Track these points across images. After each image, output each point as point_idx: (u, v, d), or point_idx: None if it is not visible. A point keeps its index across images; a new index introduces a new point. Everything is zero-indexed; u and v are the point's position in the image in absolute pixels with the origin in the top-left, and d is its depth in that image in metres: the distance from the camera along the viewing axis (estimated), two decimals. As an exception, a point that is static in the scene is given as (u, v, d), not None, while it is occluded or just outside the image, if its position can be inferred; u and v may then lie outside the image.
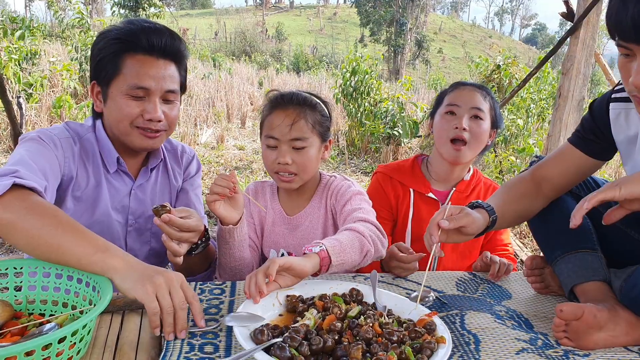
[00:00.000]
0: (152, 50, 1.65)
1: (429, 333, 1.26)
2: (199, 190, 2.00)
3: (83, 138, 1.72)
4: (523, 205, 1.65)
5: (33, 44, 9.00)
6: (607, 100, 1.52)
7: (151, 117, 1.65)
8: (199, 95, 12.38)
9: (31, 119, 7.82)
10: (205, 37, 41.74)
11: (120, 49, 1.64)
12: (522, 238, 5.31)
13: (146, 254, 1.87)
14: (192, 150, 2.04)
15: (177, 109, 1.75)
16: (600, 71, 6.14)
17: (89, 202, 1.71)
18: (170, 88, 1.69)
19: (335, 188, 1.88)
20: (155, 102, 1.66)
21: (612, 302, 1.40)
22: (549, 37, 77.84)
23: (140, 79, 1.63)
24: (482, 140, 2.08)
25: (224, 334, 1.30)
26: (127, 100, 1.65)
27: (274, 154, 1.79)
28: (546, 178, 1.63)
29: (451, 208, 1.48)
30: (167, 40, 1.67)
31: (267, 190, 1.97)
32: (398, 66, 38.36)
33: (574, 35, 4.28)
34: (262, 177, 7.46)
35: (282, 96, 1.83)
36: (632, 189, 1.25)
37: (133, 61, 1.64)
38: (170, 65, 1.69)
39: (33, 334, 1.19)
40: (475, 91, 2.11)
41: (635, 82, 1.22)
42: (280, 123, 1.76)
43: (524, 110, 9.92)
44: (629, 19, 1.16)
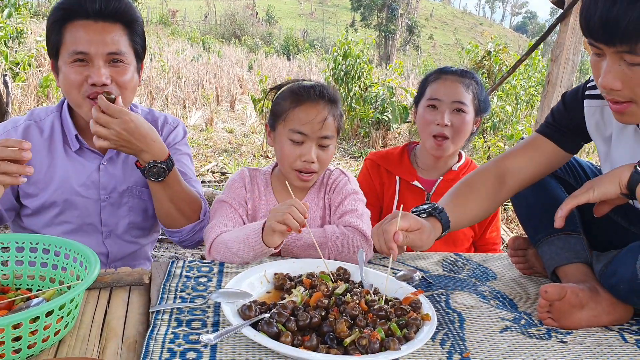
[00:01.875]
0: (89, 15, 1.62)
1: (414, 310, 1.27)
2: (185, 157, 1.94)
3: (41, 121, 1.78)
4: (485, 205, 1.59)
5: (20, 22, 8.85)
6: (582, 95, 1.51)
7: (94, 81, 1.61)
8: (188, 78, 12.29)
9: (17, 98, 7.73)
10: (195, 19, 41.29)
11: (61, 18, 1.63)
12: (509, 223, 5.36)
13: (125, 227, 1.87)
14: (177, 120, 1.99)
15: (129, 72, 1.69)
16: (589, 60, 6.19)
17: (45, 182, 1.74)
18: (114, 50, 1.64)
19: (333, 182, 1.86)
20: (97, 65, 1.62)
21: (593, 283, 1.43)
22: (539, 26, 77.97)
23: (77, 44, 1.61)
24: (465, 132, 2.09)
25: (212, 310, 1.30)
26: (70, 68, 1.63)
27: (298, 149, 1.71)
28: (512, 170, 1.58)
29: (408, 218, 1.40)
30: (104, 3, 1.62)
31: (260, 180, 1.87)
32: (389, 51, 38.27)
33: (563, 22, 4.28)
34: (251, 160, 7.46)
35: (313, 89, 1.74)
36: (605, 190, 1.28)
37: (72, 28, 1.62)
38: (112, 28, 1.65)
39: (20, 308, 1.19)
40: (457, 83, 2.08)
41: (603, 83, 1.22)
42: (312, 119, 1.69)
43: (513, 96, 9.98)
44: (597, 18, 1.15)
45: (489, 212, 1.63)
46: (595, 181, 1.31)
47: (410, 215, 1.41)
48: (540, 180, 1.65)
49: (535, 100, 10.33)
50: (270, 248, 1.52)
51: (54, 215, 1.77)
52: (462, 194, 1.59)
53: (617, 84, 1.21)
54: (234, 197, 1.79)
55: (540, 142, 1.59)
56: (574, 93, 1.55)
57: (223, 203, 1.77)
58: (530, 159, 1.58)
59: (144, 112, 1.94)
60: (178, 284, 1.43)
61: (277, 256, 1.65)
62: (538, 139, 1.60)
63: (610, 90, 1.23)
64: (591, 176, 1.69)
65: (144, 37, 1.77)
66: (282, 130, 1.74)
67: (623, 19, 1.12)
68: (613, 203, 1.33)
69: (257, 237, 1.51)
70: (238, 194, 1.81)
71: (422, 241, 1.40)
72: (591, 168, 1.71)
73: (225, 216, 1.72)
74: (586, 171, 1.69)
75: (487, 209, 1.61)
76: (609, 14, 1.13)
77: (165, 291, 1.39)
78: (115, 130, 1.52)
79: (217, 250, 1.61)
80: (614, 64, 1.20)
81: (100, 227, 1.82)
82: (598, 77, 1.25)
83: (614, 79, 1.21)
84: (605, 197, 1.28)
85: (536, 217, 1.65)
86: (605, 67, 1.22)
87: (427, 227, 1.43)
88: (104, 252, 1.85)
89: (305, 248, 1.66)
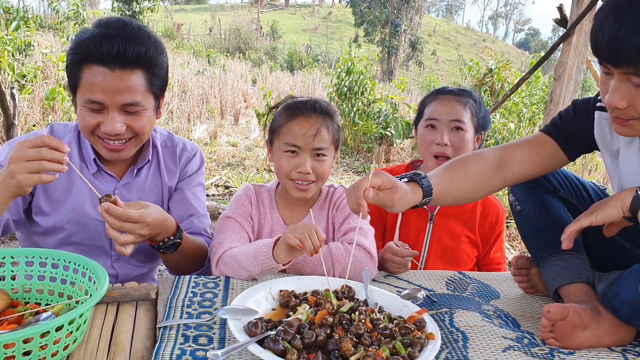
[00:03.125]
0: (105, 60, 1.53)
1: (418, 329, 1.29)
2: (198, 189, 1.96)
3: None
4: (475, 185, 1.60)
5: (27, 35, 8.94)
6: (593, 106, 1.55)
7: (107, 131, 1.59)
8: (193, 91, 12.36)
9: (24, 110, 7.78)
10: (200, 32, 41.58)
11: (78, 60, 1.57)
12: (512, 241, 5.36)
13: (133, 252, 1.85)
14: (196, 147, 1.99)
15: (145, 118, 1.65)
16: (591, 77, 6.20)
17: (60, 202, 1.74)
18: (129, 101, 1.58)
19: (337, 200, 1.87)
20: (112, 115, 1.58)
21: (596, 303, 1.44)
22: (541, 42, 78.26)
23: (93, 93, 1.55)
24: (465, 150, 2.10)
25: (218, 326, 1.32)
26: (85, 111, 1.59)
27: (293, 161, 1.74)
28: (511, 161, 1.59)
29: (381, 175, 1.41)
30: (120, 47, 1.53)
31: (265, 197, 1.89)
32: (392, 67, 38.43)
33: (566, 41, 4.32)
34: (254, 174, 7.48)
35: (304, 103, 1.77)
36: (607, 213, 1.32)
37: (88, 73, 1.56)
38: (129, 75, 1.56)
39: (30, 323, 1.20)
40: (454, 102, 2.11)
41: (609, 101, 1.27)
42: (305, 132, 1.71)
43: (515, 114, 10.01)
44: (604, 40, 1.20)
45: (477, 194, 1.65)
46: (599, 204, 1.34)
47: (384, 174, 1.43)
48: (543, 199, 1.66)
49: (538, 118, 10.36)
50: (278, 264, 1.53)
51: (65, 236, 1.76)
52: (454, 169, 1.60)
53: (622, 103, 1.25)
54: (240, 213, 1.81)
55: (543, 140, 1.62)
56: (585, 102, 1.58)
57: (229, 219, 1.79)
58: (531, 154, 1.60)
59: (163, 135, 1.93)
60: (184, 299, 1.45)
61: (283, 273, 1.67)
62: (542, 137, 1.62)
63: (615, 108, 1.27)
64: (593, 196, 1.70)
65: (166, 76, 1.70)
66: (278, 144, 1.77)
67: (629, 43, 1.16)
68: (620, 225, 1.35)
69: (267, 252, 1.53)
70: (244, 210, 1.82)
71: (393, 201, 1.42)
72: (594, 188, 1.73)
73: (233, 232, 1.74)
74: (589, 191, 1.71)
75: (474, 191, 1.61)
76: (616, 37, 1.17)
77: (172, 307, 1.40)
78: (139, 234, 1.51)
79: (226, 264, 1.63)
80: (621, 84, 1.24)
81: (110, 251, 1.82)
82: (605, 95, 1.29)
83: (620, 99, 1.25)
84: (609, 220, 1.31)
85: (539, 237, 1.66)
86: (612, 85, 1.25)
87: (402, 189, 1.44)
88: (114, 274, 1.85)
89: (310, 265, 1.67)
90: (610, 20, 1.19)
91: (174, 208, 1.90)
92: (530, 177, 1.63)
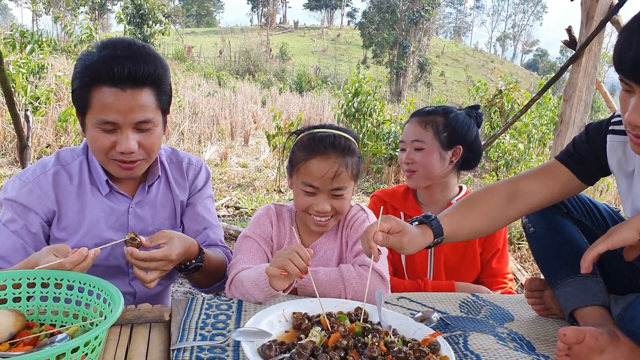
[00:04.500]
0: (116, 81, 1.55)
1: (433, 352, 1.28)
2: (208, 201, 1.99)
3: (68, 166, 1.77)
4: (489, 220, 1.61)
5: (41, 57, 9.11)
6: (605, 129, 1.55)
7: (122, 150, 1.60)
8: (204, 113, 12.48)
9: (37, 132, 7.89)
10: (210, 55, 42.09)
11: (86, 83, 1.57)
12: (523, 262, 5.31)
13: None
14: (200, 161, 2.01)
15: (155, 135, 1.67)
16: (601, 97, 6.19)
17: (74, 227, 1.75)
18: (141, 119, 1.60)
19: (351, 219, 1.87)
20: (126, 134, 1.60)
21: (612, 327, 1.42)
22: (550, 63, 78.45)
23: (106, 113, 1.56)
24: (430, 165, 2.18)
25: (232, 348, 1.32)
26: (98, 133, 1.60)
27: (311, 200, 1.73)
28: (524, 192, 1.60)
29: (390, 220, 1.47)
30: (132, 67, 1.55)
31: (286, 217, 1.89)
32: (400, 88, 38.65)
33: (575, 62, 4.34)
34: (264, 195, 7.50)
35: (323, 141, 1.72)
36: (623, 237, 1.31)
37: (99, 95, 1.56)
38: (140, 94, 1.58)
39: (45, 344, 1.21)
40: (416, 123, 2.23)
41: (629, 119, 1.26)
42: (324, 175, 1.69)
43: (525, 135, 10.00)
44: (630, 58, 1.19)
45: (492, 228, 1.66)
46: (615, 228, 1.33)
47: (393, 219, 1.48)
48: (557, 221, 1.66)
49: (548, 139, 10.35)
50: (278, 292, 1.53)
51: None
52: (465, 206, 1.63)
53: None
54: (259, 233, 1.82)
55: (557, 168, 1.61)
56: (598, 126, 1.58)
57: (248, 239, 1.80)
58: (545, 183, 1.61)
59: (166, 151, 1.95)
60: (198, 321, 1.45)
61: (295, 295, 1.67)
62: (555, 165, 1.62)
63: (635, 126, 1.26)
64: (607, 218, 1.69)
65: (171, 92, 1.73)
66: (297, 180, 1.76)
67: None
68: (638, 248, 1.34)
69: (265, 280, 1.54)
70: (264, 230, 1.83)
71: (402, 243, 1.47)
72: (607, 210, 1.72)
73: (249, 252, 1.75)
74: (602, 213, 1.70)
75: (489, 225, 1.63)
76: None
77: (186, 329, 1.40)
78: (163, 270, 1.59)
79: (236, 287, 1.64)
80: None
81: (127, 269, 1.84)
82: (625, 112, 1.28)
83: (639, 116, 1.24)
84: (625, 244, 1.30)
85: (553, 259, 1.65)
86: (633, 103, 1.25)
87: (412, 232, 1.48)
88: (132, 292, 1.86)
89: (321, 288, 1.67)
90: (637, 37, 1.18)
91: (188, 224, 1.92)
92: (545, 205, 1.63)
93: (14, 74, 7.94)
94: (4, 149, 7.78)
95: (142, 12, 21.67)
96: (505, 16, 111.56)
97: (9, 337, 1.22)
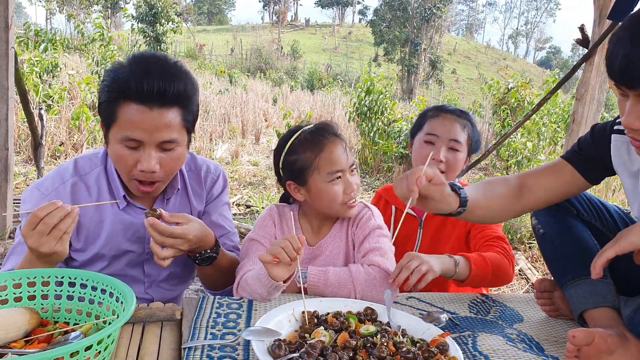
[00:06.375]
0: (144, 99, 1.52)
1: (441, 353, 1.29)
2: (224, 208, 1.99)
3: (86, 176, 1.75)
4: (500, 207, 1.65)
5: (53, 56, 9.19)
6: (610, 130, 1.55)
7: (144, 168, 1.59)
8: (215, 111, 12.52)
9: (51, 131, 7.96)
10: (222, 53, 42.20)
11: (114, 97, 1.55)
12: (534, 262, 5.29)
13: (165, 277, 1.90)
14: (219, 168, 2.00)
15: (177, 154, 1.65)
16: (614, 96, 6.13)
17: (93, 238, 1.75)
18: (166, 139, 1.58)
19: (357, 216, 1.88)
20: (149, 152, 1.58)
21: (622, 329, 1.42)
22: (563, 61, 77.80)
23: (131, 131, 1.55)
24: (457, 169, 2.16)
25: (242, 347, 1.33)
26: (122, 149, 1.59)
27: (340, 187, 1.77)
28: (532, 188, 1.63)
29: (435, 170, 1.47)
30: (161, 85, 1.52)
31: (288, 217, 1.89)
32: (412, 86, 38.53)
33: (588, 61, 4.31)
34: (275, 193, 7.52)
35: (323, 131, 1.79)
36: (631, 241, 1.31)
37: (126, 110, 1.54)
38: (167, 113, 1.56)
39: (59, 342, 1.23)
40: (455, 121, 2.15)
41: (625, 122, 1.28)
42: (340, 155, 1.76)
43: (535, 133, 9.94)
44: (618, 62, 1.21)
45: (502, 215, 1.69)
46: (623, 233, 1.33)
47: (437, 171, 1.48)
48: (567, 222, 1.66)
49: (558, 137, 10.27)
50: (279, 282, 1.55)
51: (100, 268, 1.77)
52: (485, 187, 1.66)
53: (637, 124, 1.26)
54: (263, 235, 1.83)
55: (562, 167, 1.63)
56: (603, 126, 1.59)
57: (254, 242, 1.82)
58: (550, 181, 1.63)
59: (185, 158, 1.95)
60: (209, 320, 1.47)
61: (305, 294, 1.68)
62: (561, 164, 1.64)
63: (630, 129, 1.28)
64: (617, 219, 1.69)
65: (197, 111, 1.70)
66: (319, 177, 1.76)
67: None
68: None
69: (266, 273, 1.56)
70: (268, 232, 1.85)
71: (441, 196, 1.47)
72: (617, 212, 1.72)
73: (255, 255, 1.76)
74: (612, 214, 1.70)
75: (499, 213, 1.67)
76: (630, 59, 1.19)
77: (197, 327, 1.42)
78: (179, 249, 1.61)
79: (243, 288, 1.67)
80: (636, 105, 1.25)
81: (143, 278, 1.85)
82: (622, 116, 1.30)
83: (635, 119, 1.26)
84: (634, 247, 1.30)
85: (563, 260, 1.66)
86: (628, 107, 1.26)
87: (448, 190, 1.50)
88: (149, 299, 1.88)
89: (331, 288, 1.68)
90: (624, 43, 1.20)
91: None
92: (550, 202, 1.65)
93: (28, 73, 8.03)
94: (19, 147, 7.86)
95: (155, 10, 21.76)
96: (518, 13, 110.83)
97: (24, 334, 1.25)
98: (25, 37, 9.46)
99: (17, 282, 1.37)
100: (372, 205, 1.94)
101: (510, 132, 5.40)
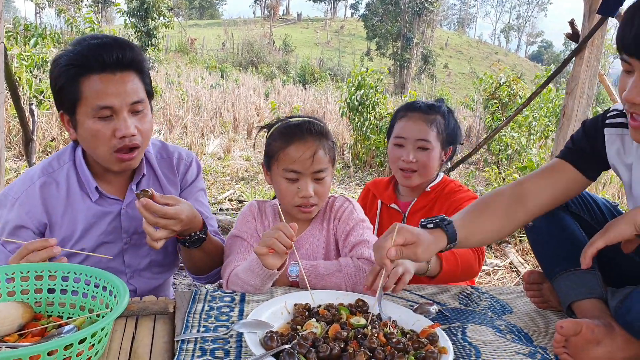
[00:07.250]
0: (105, 67, 1.61)
1: (431, 343, 1.31)
2: (200, 194, 2.00)
3: (55, 173, 1.77)
4: (499, 224, 1.60)
5: (43, 51, 9.11)
6: (602, 124, 1.56)
7: (123, 133, 1.63)
8: (207, 106, 12.49)
9: (42, 126, 7.92)
10: (213, 47, 42.04)
11: (75, 74, 1.61)
12: (525, 255, 5.34)
13: (146, 265, 1.91)
14: (191, 154, 2.02)
15: (148, 119, 1.72)
16: (604, 90, 6.15)
17: (68, 236, 1.76)
18: (136, 99, 1.65)
19: (337, 211, 1.89)
20: (124, 118, 1.64)
21: (609, 319, 1.45)
22: (554, 55, 78.04)
23: (101, 98, 1.60)
24: (431, 165, 2.17)
25: (235, 339, 1.35)
26: (95, 123, 1.63)
27: (295, 186, 1.76)
28: (531, 193, 1.60)
29: (404, 232, 1.45)
30: (118, 53, 1.62)
31: (269, 211, 1.92)
32: (404, 80, 38.56)
33: (578, 55, 4.33)
34: (268, 188, 7.53)
35: (299, 127, 1.77)
36: (620, 231, 1.34)
37: (90, 83, 1.60)
38: (129, 76, 1.65)
39: (52, 335, 1.24)
40: (421, 120, 2.16)
41: (628, 96, 1.28)
42: (301, 155, 1.72)
43: (526, 127, 9.99)
44: (632, 35, 1.23)
45: (503, 232, 1.65)
46: (612, 223, 1.35)
47: (406, 229, 1.46)
48: (555, 215, 1.68)
49: (549, 131, 10.32)
50: (272, 270, 1.56)
51: (79, 262, 1.76)
52: (477, 210, 1.62)
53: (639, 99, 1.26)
54: (245, 231, 1.85)
55: (561, 166, 1.62)
56: (594, 121, 1.60)
57: (236, 238, 1.84)
58: (550, 182, 1.60)
59: (156, 146, 1.95)
60: (202, 313, 1.48)
61: (297, 288, 1.70)
62: (559, 164, 1.62)
63: (632, 104, 1.29)
64: (605, 212, 1.71)
65: (150, 76, 1.79)
66: (277, 170, 1.78)
67: None
68: (636, 242, 1.37)
69: (258, 263, 1.57)
70: (249, 227, 1.87)
71: (416, 255, 1.46)
72: (605, 204, 1.74)
73: (240, 251, 1.78)
74: (601, 207, 1.72)
75: (501, 229, 1.62)
76: None
77: (190, 320, 1.43)
78: (172, 229, 1.61)
79: (233, 283, 1.68)
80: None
81: (124, 268, 1.86)
82: (622, 92, 1.30)
83: (638, 93, 1.26)
84: (622, 238, 1.32)
85: (551, 252, 1.68)
86: (632, 81, 1.27)
87: (425, 240, 1.47)
88: (132, 289, 1.89)
89: (321, 282, 1.70)
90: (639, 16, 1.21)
91: None
92: (554, 204, 1.62)
93: (18, 68, 7.97)
94: (10, 143, 7.82)
95: (147, 5, 21.61)
96: (510, 7, 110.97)
97: (18, 328, 1.26)
98: (14, 32, 9.37)
99: (10, 277, 1.38)
100: (352, 199, 1.95)
101: (500, 127, 5.43)
